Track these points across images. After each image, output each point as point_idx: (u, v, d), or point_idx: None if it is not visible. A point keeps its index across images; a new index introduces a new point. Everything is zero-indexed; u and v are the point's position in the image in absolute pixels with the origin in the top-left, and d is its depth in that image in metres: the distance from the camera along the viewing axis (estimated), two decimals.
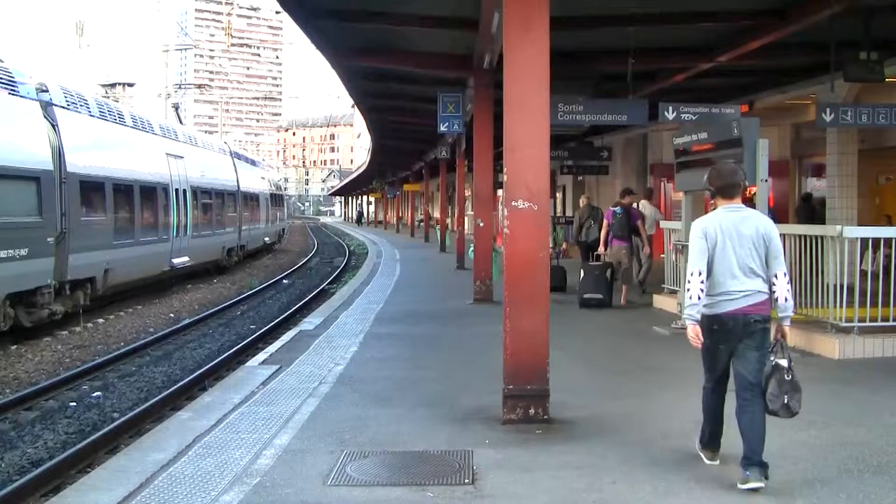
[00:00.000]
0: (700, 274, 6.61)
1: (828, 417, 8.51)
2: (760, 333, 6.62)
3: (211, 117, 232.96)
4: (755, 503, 6.16)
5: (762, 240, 6.62)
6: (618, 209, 18.50)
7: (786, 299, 6.62)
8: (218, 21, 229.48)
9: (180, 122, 42.56)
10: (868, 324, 12.09)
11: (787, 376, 6.56)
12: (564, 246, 23.83)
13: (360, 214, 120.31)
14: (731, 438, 6.77)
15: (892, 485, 6.48)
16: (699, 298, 6.59)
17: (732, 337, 6.63)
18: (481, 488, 6.47)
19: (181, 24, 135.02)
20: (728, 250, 6.61)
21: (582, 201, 21.72)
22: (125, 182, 23.39)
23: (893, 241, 12.82)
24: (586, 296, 17.74)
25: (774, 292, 6.63)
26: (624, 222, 18.16)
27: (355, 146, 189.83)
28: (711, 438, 7.08)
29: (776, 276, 6.62)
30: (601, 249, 18.36)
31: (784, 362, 6.59)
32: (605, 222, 18.73)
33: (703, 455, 7.14)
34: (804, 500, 6.18)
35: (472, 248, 21.21)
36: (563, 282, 20.46)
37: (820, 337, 12.16)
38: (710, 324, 6.69)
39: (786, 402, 6.55)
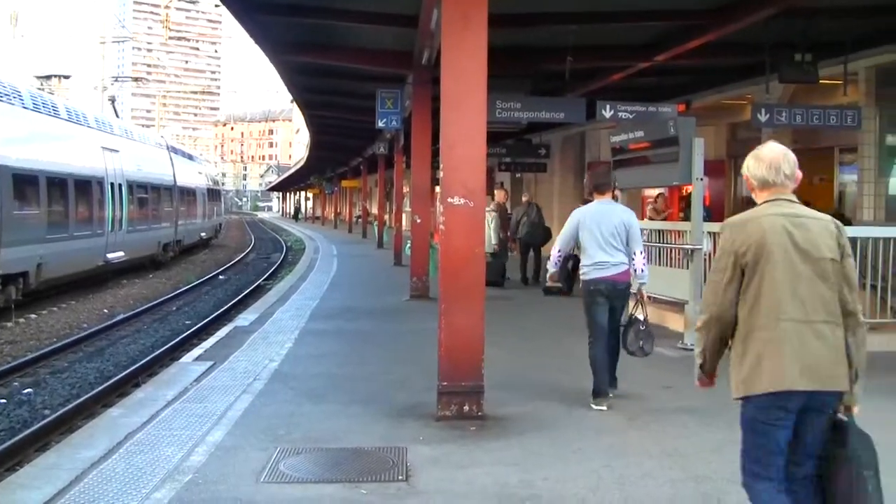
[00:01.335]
0: (559, 251, 9.31)
1: None
2: (623, 295, 9.02)
3: (148, 111, 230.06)
4: (689, 497, 6.22)
5: (623, 226, 8.88)
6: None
7: (642, 270, 8.93)
8: (156, 14, 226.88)
9: (117, 115, 41.97)
10: None
11: (642, 326, 8.98)
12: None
13: (297, 210, 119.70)
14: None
15: None
16: (555, 265, 9.60)
17: (605, 296, 8.86)
18: (415, 485, 6.46)
19: (119, 16, 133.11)
20: (598, 233, 8.82)
21: (523, 198, 22.24)
22: (59, 175, 23.01)
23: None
24: (548, 284, 18.40)
25: (634, 264, 8.86)
26: None
27: (294, 141, 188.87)
28: (600, 388, 8.86)
29: (635, 253, 8.87)
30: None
31: (641, 316, 8.95)
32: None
33: (593, 404, 8.79)
34: (735, 497, 6.25)
35: (409, 245, 21.21)
36: (502, 277, 20.65)
37: None
38: (588, 286, 8.96)
39: (641, 345, 9.00)
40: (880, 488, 4.39)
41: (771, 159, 4.61)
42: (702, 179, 12.22)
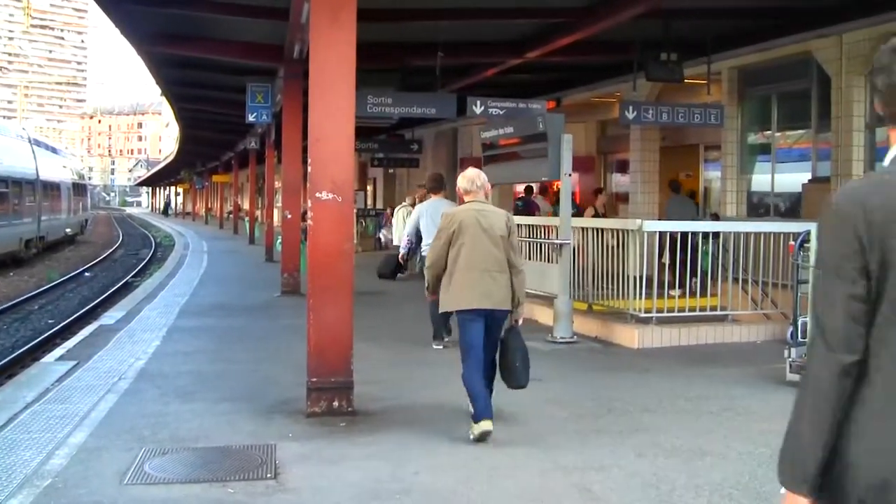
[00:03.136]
0: (408, 236, 13.12)
1: (626, 404, 8.80)
2: None
3: (10, 102, 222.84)
4: (558, 486, 6.29)
5: None
6: (520, 202, 20.56)
7: None
8: (17, 0, 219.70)
9: None
10: (665, 314, 12.65)
11: None
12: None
13: (167, 205, 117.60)
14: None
15: (683, 466, 6.75)
16: (406, 247, 13.44)
17: None
18: (284, 482, 6.38)
19: None
20: (433, 223, 11.24)
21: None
22: None
23: (690, 235, 13.33)
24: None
25: None
26: (523, 213, 18.90)
27: (164, 135, 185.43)
28: (436, 333, 11.91)
29: None
30: None
31: None
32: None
33: (433, 344, 11.88)
34: (601, 486, 6.35)
35: (279, 240, 21.05)
36: (394, 271, 20.78)
37: (621, 327, 12.58)
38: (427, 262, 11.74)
39: None
40: (528, 363, 7.74)
41: (470, 177, 7.86)
42: (570, 175, 12.38)
